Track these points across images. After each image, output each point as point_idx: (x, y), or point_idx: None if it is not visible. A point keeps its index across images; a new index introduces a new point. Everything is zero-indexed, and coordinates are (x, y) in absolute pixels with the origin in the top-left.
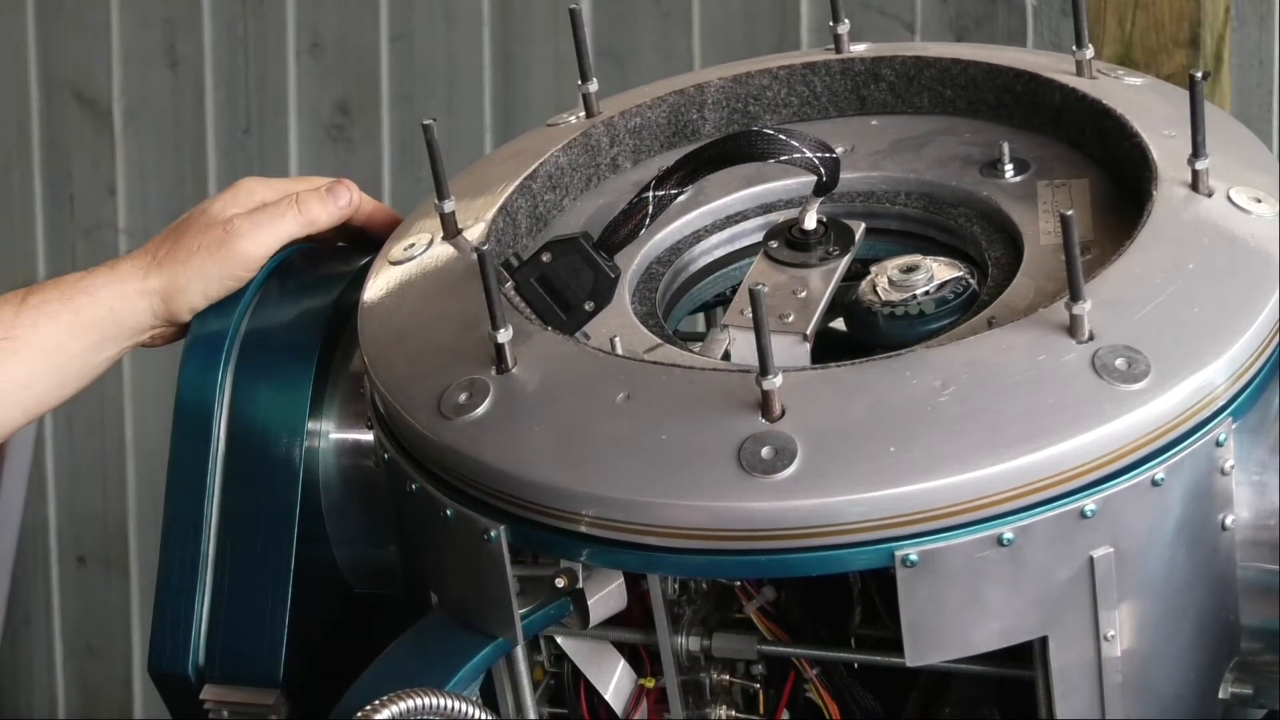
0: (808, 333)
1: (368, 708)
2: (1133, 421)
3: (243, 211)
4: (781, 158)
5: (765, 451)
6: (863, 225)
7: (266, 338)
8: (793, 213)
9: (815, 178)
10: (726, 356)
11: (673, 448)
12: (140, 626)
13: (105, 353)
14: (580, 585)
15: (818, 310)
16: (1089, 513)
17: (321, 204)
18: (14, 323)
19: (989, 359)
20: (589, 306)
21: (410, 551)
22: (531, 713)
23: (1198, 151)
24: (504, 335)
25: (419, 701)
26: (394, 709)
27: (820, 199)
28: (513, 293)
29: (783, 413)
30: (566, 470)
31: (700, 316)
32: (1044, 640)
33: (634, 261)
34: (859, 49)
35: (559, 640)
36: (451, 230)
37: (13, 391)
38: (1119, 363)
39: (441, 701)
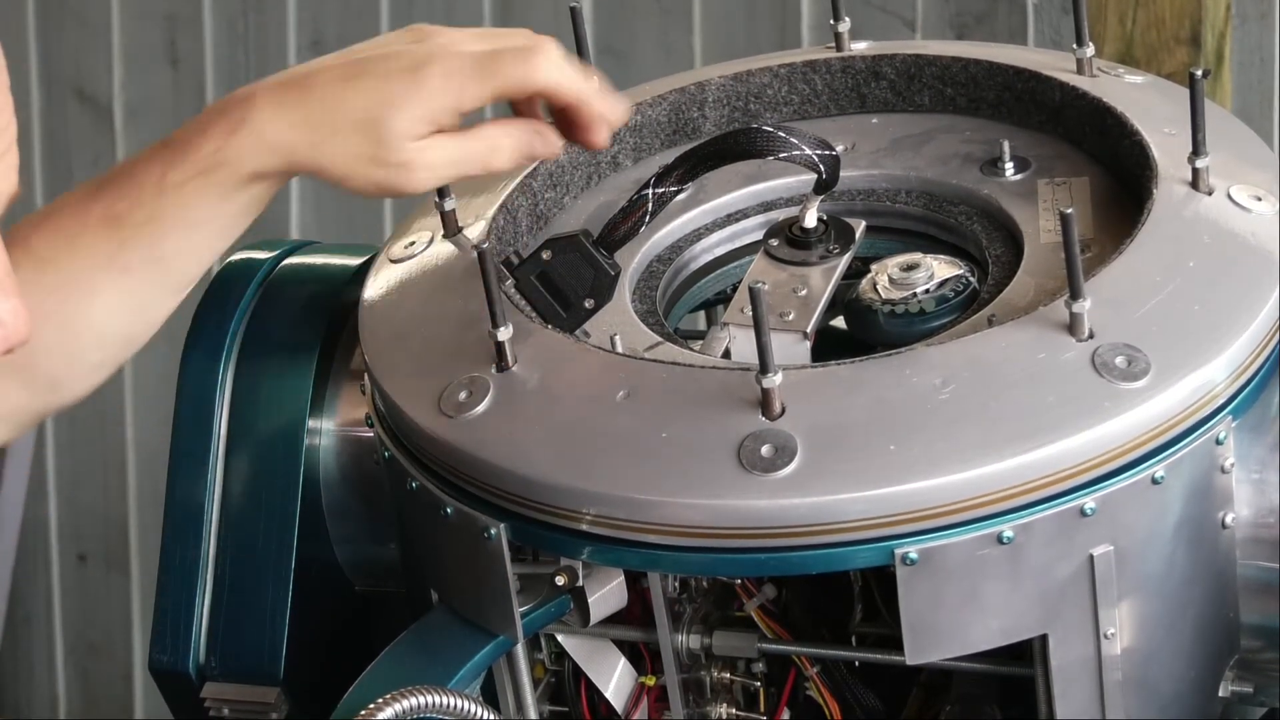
0: (808, 331)
1: (370, 706)
2: (1133, 419)
3: (425, 129)
4: (781, 155)
5: (765, 449)
6: (863, 223)
7: (267, 335)
8: (793, 211)
9: (815, 176)
10: (727, 354)
11: (673, 445)
12: (141, 624)
13: (259, 204)
14: (580, 583)
15: (818, 308)
16: (1089, 511)
17: (521, 149)
18: (156, 204)
19: (989, 357)
20: (589, 304)
21: (410, 549)
22: (532, 711)
23: (1198, 149)
24: (504, 333)
25: (421, 699)
26: (396, 707)
27: (820, 197)
28: (513, 290)
29: (783, 411)
30: (567, 468)
31: (701, 314)
32: (1044, 638)
33: (634, 259)
34: (859, 47)
35: (559, 638)
36: (452, 228)
37: (175, 258)
38: (1119, 361)
39: (444, 699)
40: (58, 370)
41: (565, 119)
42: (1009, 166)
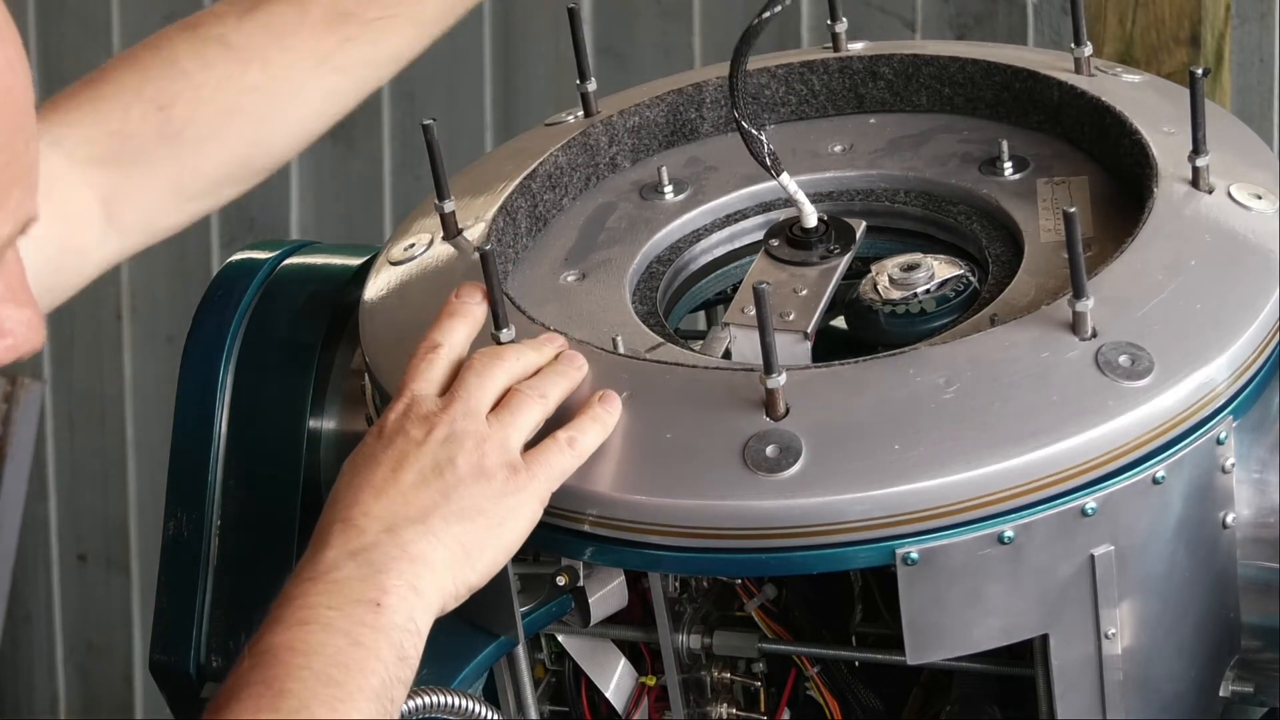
0: (809, 331)
1: None
2: (1136, 418)
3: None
4: None
5: (770, 450)
6: (863, 223)
7: (268, 336)
8: (792, 211)
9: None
10: (727, 354)
11: (677, 446)
12: (141, 624)
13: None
14: (581, 583)
15: (819, 308)
16: (1090, 511)
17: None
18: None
19: (993, 356)
20: None
21: None
22: (533, 711)
23: (1198, 148)
24: (506, 335)
25: (425, 700)
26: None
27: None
28: (513, 291)
29: (787, 411)
30: None
31: (701, 314)
32: (1045, 638)
33: (634, 260)
34: (856, 47)
35: (560, 638)
36: (452, 230)
37: (387, 61)
38: (1123, 359)
39: (447, 699)
40: (214, 175)
41: None
42: (1007, 166)
